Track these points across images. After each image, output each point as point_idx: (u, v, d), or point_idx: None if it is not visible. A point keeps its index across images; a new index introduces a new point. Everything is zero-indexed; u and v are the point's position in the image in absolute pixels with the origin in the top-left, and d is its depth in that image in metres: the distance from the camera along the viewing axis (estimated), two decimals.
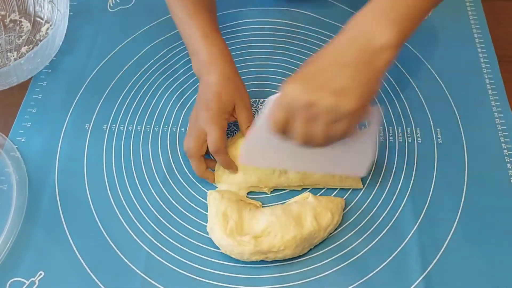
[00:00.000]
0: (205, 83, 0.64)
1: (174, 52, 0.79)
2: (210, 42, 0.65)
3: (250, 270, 0.58)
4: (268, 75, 0.75)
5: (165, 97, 0.74)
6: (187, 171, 0.67)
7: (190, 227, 0.62)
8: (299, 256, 0.59)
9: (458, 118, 0.70)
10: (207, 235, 0.61)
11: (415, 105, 0.71)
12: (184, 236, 0.61)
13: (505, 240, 0.59)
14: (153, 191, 0.65)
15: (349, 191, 0.64)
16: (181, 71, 0.76)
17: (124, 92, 0.75)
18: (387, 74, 0.74)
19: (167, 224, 0.62)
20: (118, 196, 0.65)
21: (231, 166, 0.64)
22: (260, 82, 0.75)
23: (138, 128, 0.71)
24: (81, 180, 0.66)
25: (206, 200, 0.63)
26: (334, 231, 0.61)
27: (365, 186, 0.64)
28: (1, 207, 0.63)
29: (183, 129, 0.71)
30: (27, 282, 0.58)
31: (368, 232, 0.60)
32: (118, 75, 0.77)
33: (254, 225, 0.59)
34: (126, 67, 0.77)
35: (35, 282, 0.58)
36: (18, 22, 0.83)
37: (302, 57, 0.77)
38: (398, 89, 0.73)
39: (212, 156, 0.65)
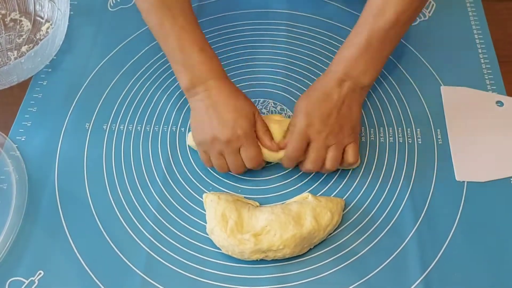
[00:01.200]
0: (214, 92, 0.61)
1: None
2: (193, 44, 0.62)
3: (250, 270, 0.58)
4: (267, 75, 0.75)
5: (165, 97, 0.74)
6: (187, 171, 0.67)
7: (190, 227, 0.62)
8: (299, 256, 0.59)
9: None
10: (206, 235, 0.61)
11: (415, 105, 0.71)
12: (184, 236, 0.61)
13: (505, 240, 0.59)
14: (153, 191, 0.65)
15: (349, 191, 0.64)
16: None
17: (124, 92, 0.75)
18: (388, 74, 0.74)
19: (167, 224, 0.62)
20: (118, 195, 0.65)
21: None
22: (260, 82, 0.75)
23: (138, 128, 0.71)
24: (81, 179, 0.66)
25: None
26: (334, 231, 0.61)
27: (365, 186, 0.64)
28: (0, 206, 0.63)
29: (183, 129, 0.71)
30: (27, 282, 0.58)
31: (368, 232, 0.60)
32: (118, 75, 0.76)
33: (254, 223, 0.59)
34: (126, 67, 0.77)
35: (35, 282, 0.58)
36: (18, 21, 0.83)
37: (301, 56, 0.77)
38: (398, 89, 0.73)
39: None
